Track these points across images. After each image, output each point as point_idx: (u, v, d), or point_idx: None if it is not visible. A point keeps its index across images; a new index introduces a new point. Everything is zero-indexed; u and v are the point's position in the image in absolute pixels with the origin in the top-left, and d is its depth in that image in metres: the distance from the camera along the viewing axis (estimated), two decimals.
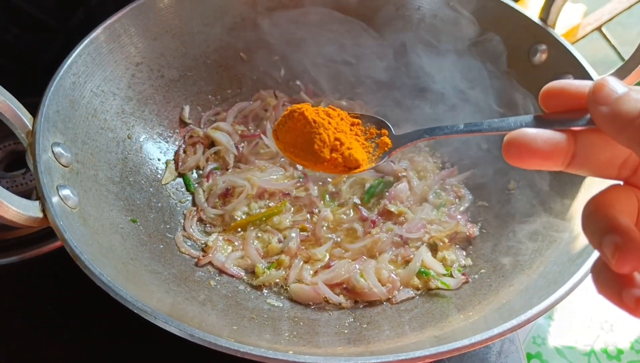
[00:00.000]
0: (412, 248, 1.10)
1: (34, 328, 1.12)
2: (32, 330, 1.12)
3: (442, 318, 0.93)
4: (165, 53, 1.23)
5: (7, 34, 1.40)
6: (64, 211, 0.84)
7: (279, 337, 0.89)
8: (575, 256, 0.84)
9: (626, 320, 1.28)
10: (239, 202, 1.17)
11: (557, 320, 1.30)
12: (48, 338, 1.11)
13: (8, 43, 1.42)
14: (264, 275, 1.06)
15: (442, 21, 1.28)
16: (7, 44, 1.42)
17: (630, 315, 0.48)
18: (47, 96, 0.94)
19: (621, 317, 1.28)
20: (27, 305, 1.15)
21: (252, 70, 1.37)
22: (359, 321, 0.98)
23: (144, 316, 0.70)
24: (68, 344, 1.09)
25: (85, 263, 0.75)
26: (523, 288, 0.88)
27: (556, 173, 1.04)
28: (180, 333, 0.69)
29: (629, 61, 1.00)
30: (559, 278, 0.81)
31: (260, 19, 1.32)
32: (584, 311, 1.31)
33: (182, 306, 0.88)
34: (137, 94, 1.18)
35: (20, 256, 1.19)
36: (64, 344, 1.10)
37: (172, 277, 0.97)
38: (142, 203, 1.10)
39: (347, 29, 1.35)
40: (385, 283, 1.03)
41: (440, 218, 1.15)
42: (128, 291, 0.74)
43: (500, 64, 1.19)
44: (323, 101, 1.36)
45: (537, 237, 0.99)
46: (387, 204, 1.16)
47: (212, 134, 1.27)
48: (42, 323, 1.13)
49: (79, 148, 0.99)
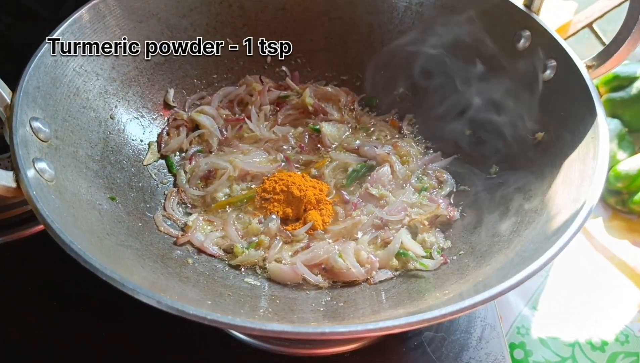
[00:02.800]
0: (392, 230, 1.10)
1: (15, 310, 1.12)
2: (12, 311, 1.12)
3: (418, 297, 0.93)
4: (151, 36, 1.23)
5: None
6: (39, 183, 0.83)
7: (253, 312, 0.88)
8: (551, 234, 0.83)
9: (612, 312, 1.27)
10: (220, 184, 1.16)
11: (541, 311, 1.29)
12: (28, 319, 1.11)
13: None
14: (243, 255, 1.05)
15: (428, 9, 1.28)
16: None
17: None
18: (28, 71, 0.95)
19: (607, 310, 1.28)
20: (8, 287, 1.15)
21: (239, 55, 1.36)
22: (336, 300, 0.97)
23: (112, 283, 0.70)
24: (48, 325, 1.10)
25: (57, 231, 0.74)
26: (500, 267, 0.88)
27: (537, 157, 1.04)
28: (144, 299, 0.68)
29: (611, 44, 1.00)
30: (534, 255, 0.80)
31: (247, 5, 1.32)
32: (569, 303, 1.30)
33: (158, 281, 0.87)
34: (121, 75, 1.18)
35: (2, 239, 1.20)
36: (44, 325, 1.10)
37: (149, 254, 0.96)
38: (122, 182, 1.09)
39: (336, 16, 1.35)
40: (364, 264, 1.03)
41: (422, 201, 1.15)
42: (99, 261, 0.73)
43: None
44: (309, 87, 1.35)
45: (516, 219, 0.99)
46: (368, 187, 1.16)
47: (196, 117, 1.27)
48: (23, 304, 1.13)
49: (59, 124, 0.99)
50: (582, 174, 0.90)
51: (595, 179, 0.85)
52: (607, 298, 1.30)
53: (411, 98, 1.35)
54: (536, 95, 1.10)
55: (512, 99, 1.16)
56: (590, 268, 1.36)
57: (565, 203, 0.89)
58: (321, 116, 1.32)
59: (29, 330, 1.09)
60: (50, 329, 1.09)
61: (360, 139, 1.29)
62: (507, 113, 1.16)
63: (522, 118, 1.12)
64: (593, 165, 0.89)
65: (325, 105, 1.34)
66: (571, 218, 0.81)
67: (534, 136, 1.08)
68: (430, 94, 1.31)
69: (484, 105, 1.22)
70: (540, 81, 1.09)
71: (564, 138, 1.00)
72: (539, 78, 1.09)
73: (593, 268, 1.36)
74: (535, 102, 1.10)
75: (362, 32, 1.36)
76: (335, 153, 1.24)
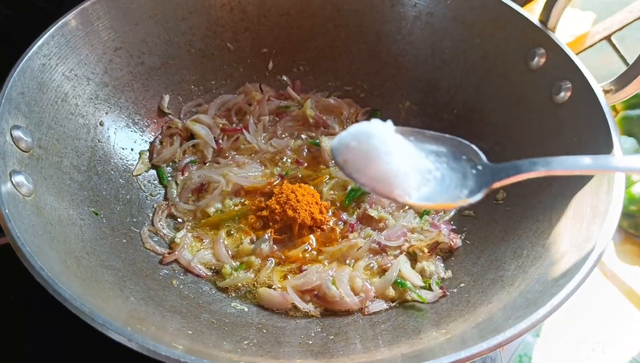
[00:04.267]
0: (390, 257, 1.04)
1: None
2: None
3: (414, 334, 0.87)
4: (147, 39, 1.18)
5: None
6: (15, 198, 0.79)
7: (237, 345, 0.83)
8: (560, 276, 0.78)
9: (619, 343, 1.22)
10: (212, 198, 1.11)
11: (544, 338, 1.25)
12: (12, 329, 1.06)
13: None
14: (231, 277, 1.00)
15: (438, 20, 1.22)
16: None
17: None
18: (12, 76, 0.90)
19: (614, 340, 1.23)
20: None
21: (239, 61, 1.31)
22: (327, 331, 0.92)
23: (80, 316, 0.65)
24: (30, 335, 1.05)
25: (26, 255, 0.70)
26: (502, 307, 0.82)
27: (546, 185, 0.98)
28: (114, 336, 0.63)
29: (631, 68, 0.94)
30: (539, 298, 0.75)
31: (249, 8, 1.26)
32: (574, 332, 1.25)
33: (135, 307, 0.82)
34: (113, 80, 1.13)
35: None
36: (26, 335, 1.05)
37: (131, 274, 0.91)
38: (108, 194, 1.04)
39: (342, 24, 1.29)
40: (358, 292, 0.98)
41: (423, 226, 1.09)
42: (72, 288, 0.69)
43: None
44: (310, 98, 1.30)
45: (522, 252, 0.93)
46: (367, 208, 1.10)
47: (192, 126, 1.22)
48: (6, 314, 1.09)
49: (43, 132, 0.94)
50: (594, 210, 0.84)
51: (608, 218, 0.80)
52: (615, 327, 1.24)
53: (417, 113, 1.29)
54: (548, 117, 1.04)
55: (522, 120, 1.10)
56: (598, 295, 1.31)
57: (574, 240, 0.83)
58: (322, 129, 1.27)
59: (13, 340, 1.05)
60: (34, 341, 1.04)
61: None
62: (515, 134, 1.11)
63: (532, 141, 1.07)
64: (606, 201, 0.83)
65: (327, 117, 1.29)
66: (580, 261, 0.76)
67: None
68: (438, 109, 1.26)
69: (493, 123, 1.16)
70: (553, 103, 1.03)
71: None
72: (552, 99, 1.03)
73: (601, 295, 1.31)
74: (546, 125, 1.04)
75: (369, 41, 1.30)
76: (334, 170, 1.19)
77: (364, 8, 1.28)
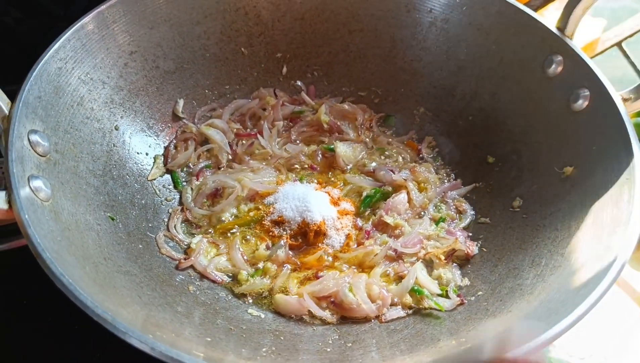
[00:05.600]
0: (407, 264, 1.03)
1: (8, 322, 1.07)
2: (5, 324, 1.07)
3: (432, 343, 0.86)
4: (162, 43, 1.17)
5: (7, 17, 1.36)
6: (34, 203, 0.78)
7: (255, 352, 0.82)
8: (581, 286, 0.77)
9: (631, 352, 1.21)
10: (227, 203, 1.11)
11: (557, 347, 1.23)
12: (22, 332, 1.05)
13: (8, 26, 1.37)
14: (247, 283, 1.00)
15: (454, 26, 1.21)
16: (7, 27, 1.37)
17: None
18: (29, 80, 0.90)
19: (626, 349, 1.21)
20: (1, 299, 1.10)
21: (253, 66, 1.31)
22: (344, 338, 0.91)
23: (103, 324, 0.65)
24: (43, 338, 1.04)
25: (47, 262, 0.69)
26: (522, 316, 0.82)
27: (565, 193, 0.97)
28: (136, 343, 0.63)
29: None
30: (560, 308, 0.74)
31: (264, 13, 1.26)
32: (586, 341, 1.23)
33: (153, 313, 0.82)
34: (128, 84, 1.12)
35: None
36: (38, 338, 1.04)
37: (148, 280, 0.91)
38: (124, 199, 1.04)
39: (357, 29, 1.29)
40: (375, 299, 0.97)
41: (439, 233, 1.08)
42: (92, 295, 0.68)
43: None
44: (325, 104, 1.29)
45: (541, 261, 0.92)
46: (383, 215, 1.09)
47: (206, 131, 1.21)
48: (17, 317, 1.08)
49: (60, 137, 0.94)
50: (615, 220, 0.84)
51: (630, 229, 0.80)
52: (627, 335, 1.23)
53: (432, 119, 1.29)
54: (565, 125, 1.04)
55: (539, 127, 1.09)
56: (610, 304, 1.29)
57: (595, 250, 0.83)
58: (336, 135, 1.26)
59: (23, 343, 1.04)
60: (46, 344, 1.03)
61: (376, 161, 1.23)
62: (532, 142, 1.10)
63: (549, 149, 1.06)
64: (628, 210, 0.83)
65: (341, 123, 1.28)
66: (603, 271, 0.75)
67: (562, 170, 1.01)
68: (453, 116, 1.25)
69: (509, 130, 1.15)
70: (571, 111, 1.02)
71: (595, 175, 0.94)
72: (569, 107, 1.02)
73: (613, 303, 1.29)
74: (564, 133, 1.03)
75: (384, 47, 1.30)
76: (349, 176, 1.18)
77: (379, 13, 1.27)
